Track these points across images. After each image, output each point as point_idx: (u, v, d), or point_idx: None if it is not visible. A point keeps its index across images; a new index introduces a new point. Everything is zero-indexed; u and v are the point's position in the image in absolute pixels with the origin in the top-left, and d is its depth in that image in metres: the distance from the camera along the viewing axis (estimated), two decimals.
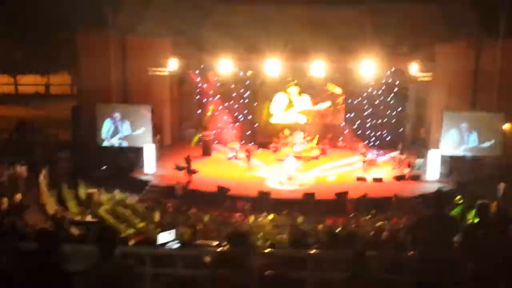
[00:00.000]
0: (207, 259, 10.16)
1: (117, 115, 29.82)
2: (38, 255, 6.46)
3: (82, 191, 25.39)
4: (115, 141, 30.02)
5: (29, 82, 54.76)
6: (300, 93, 34.17)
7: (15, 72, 52.76)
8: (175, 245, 13.18)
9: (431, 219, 8.86)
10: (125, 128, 29.82)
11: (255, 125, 34.87)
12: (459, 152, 28.25)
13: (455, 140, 28.21)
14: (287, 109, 34.78)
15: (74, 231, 16.59)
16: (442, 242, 8.55)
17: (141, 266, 9.93)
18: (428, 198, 24.89)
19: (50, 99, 49.93)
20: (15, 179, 24.31)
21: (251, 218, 22.62)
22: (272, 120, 34.93)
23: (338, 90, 33.99)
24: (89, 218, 20.76)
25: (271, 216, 22.60)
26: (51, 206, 22.59)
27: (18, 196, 21.24)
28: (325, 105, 34.47)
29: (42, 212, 21.36)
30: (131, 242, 13.20)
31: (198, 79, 33.94)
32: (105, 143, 30.07)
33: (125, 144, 29.95)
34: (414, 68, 29.20)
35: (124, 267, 6.41)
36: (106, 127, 29.90)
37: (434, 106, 30.99)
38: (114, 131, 29.94)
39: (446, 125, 28.18)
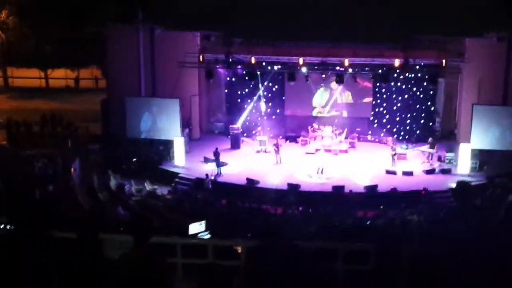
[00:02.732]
0: (239, 249, 10.21)
1: (154, 108, 30.06)
2: (75, 244, 6.55)
3: (113, 183, 25.65)
4: (152, 134, 30.28)
5: (59, 76, 55.35)
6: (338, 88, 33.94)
7: (45, 66, 53.41)
8: (206, 235, 13.31)
9: (458, 212, 8.77)
10: (161, 121, 30.06)
11: (283, 118, 34.78)
12: (500, 147, 27.96)
13: (496, 136, 27.88)
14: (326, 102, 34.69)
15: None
16: (469, 235, 8.47)
17: (173, 256, 10.00)
18: (453, 190, 24.74)
19: (79, 93, 50.45)
20: (47, 170, 24.65)
21: (280, 210, 22.68)
22: (313, 113, 34.77)
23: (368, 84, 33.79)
24: (120, 209, 20.93)
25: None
26: (83, 197, 22.83)
27: (51, 187, 21.50)
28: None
29: (74, 203, 21.58)
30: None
31: (227, 72, 34.00)
32: (143, 135, 30.35)
33: (159, 136, 30.15)
34: (445, 63, 28.92)
35: (157, 257, 6.48)
36: (145, 120, 30.16)
37: (464, 101, 30.71)
38: (152, 125, 30.21)
39: (476, 119, 27.87)
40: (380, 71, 30.23)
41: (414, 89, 32.98)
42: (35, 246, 7.35)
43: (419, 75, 31.51)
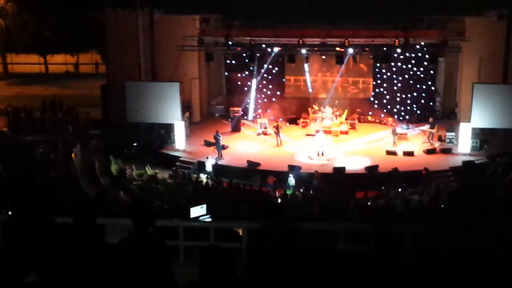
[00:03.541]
0: (240, 232, 10.26)
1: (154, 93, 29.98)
2: (75, 228, 6.57)
3: (114, 168, 25.70)
4: (152, 118, 30.22)
5: (59, 62, 55.31)
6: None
7: (45, 52, 53.35)
8: (207, 219, 13.36)
9: (462, 191, 8.77)
10: (162, 104, 29.94)
11: (284, 100, 34.71)
12: (501, 125, 27.93)
13: (497, 114, 27.80)
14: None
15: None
16: (473, 214, 8.48)
17: (174, 239, 10.05)
18: (458, 170, 24.78)
19: (79, 78, 50.41)
20: (49, 155, 24.69)
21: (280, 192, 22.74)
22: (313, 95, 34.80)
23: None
24: (121, 194, 21.00)
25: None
26: (84, 182, 22.90)
27: (52, 173, 21.56)
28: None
29: (75, 188, 21.65)
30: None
31: (227, 55, 33.91)
32: (144, 120, 30.39)
33: (159, 120, 30.09)
34: (444, 42, 28.81)
35: (158, 240, 6.50)
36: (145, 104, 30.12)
37: (464, 80, 30.64)
38: (152, 109, 30.15)
39: (477, 98, 27.80)
40: (380, 51, 30.15)
41: (415, 69, 32.85)
42: (36, 232, 7.36)
43: (419, 54, 31.40)
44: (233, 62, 34.34)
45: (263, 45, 31.14)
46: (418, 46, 30.09)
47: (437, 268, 7.67)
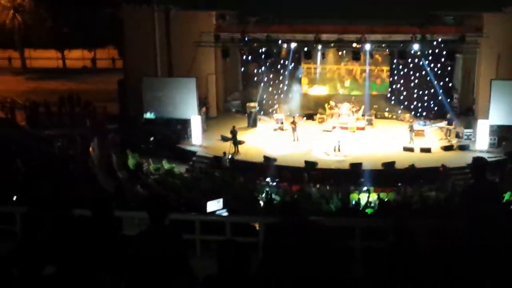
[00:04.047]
0: (257, 227, 10.28)
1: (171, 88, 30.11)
2: (93, 221, 6.63)
3: (131, 162, 25.83)
4: (169, 113, 30.36)
5: (76, 57, 55.61)
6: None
7: (62, 47, 53.68)
8: (224, 213, 13.39)
9: (472, 188, 8.73)
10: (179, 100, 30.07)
11: (300, 96, 34.64)
12: None
13: None
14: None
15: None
16: (484, 210, 8.43)
17: (191, 233, 10.10)
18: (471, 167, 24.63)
19: (96, 73, 50.65)
20: (67, 149, 24.89)
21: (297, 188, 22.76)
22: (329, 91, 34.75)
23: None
24: (138, 188, 21.13)
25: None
26: (102, 177, 23.07)
27: (70, 166, 21.73)
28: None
29: (93, 181, 21.82)
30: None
31: (243, 51, 33.95)
32: (161, 115, 30.55)
33: (176, 116, 30.21)
34: (462, 38, 28.64)
35: (174, 234, 6.54)
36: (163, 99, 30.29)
37: (482, 76, 30.41)
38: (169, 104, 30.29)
39: (495, 95, 27.59)
40: (397, 47, 30.05)
41: (432, 65, 32.66)
42: (54, 225, 7.43)
43: (437, 51, 31.21)
44: (249, 57, 34.33)
45: (279, 41, 31.13)
46: (435, 43, 29.93)
47: (450, 265, 7.64)
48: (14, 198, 14.63)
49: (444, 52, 30.68)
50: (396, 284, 6.60)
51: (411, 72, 33.35)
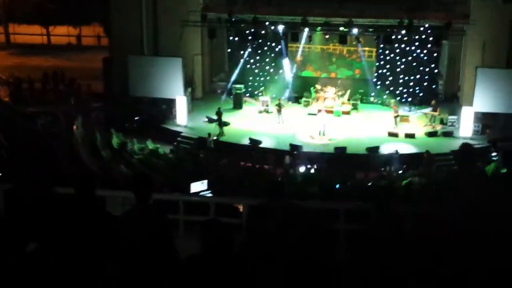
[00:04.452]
0: (240, 208, 10.28)
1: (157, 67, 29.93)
2: (75, 199, 6.58)
3: (115, 141, 25.71)
4: (155, 92, 30.26)
5: (61, 33, 55.03)
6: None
7: (47, 23, 53.06)
8: (207, 194, 13.40)
9: (459, 174, 8.75)
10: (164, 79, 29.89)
11: (286, 79, 34.56)
12: (503, 110, 27.90)
13: (499, 99, 27.74)
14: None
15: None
16: (470, 197, 8.46)
17: (175, 213, 10.08)
18: (457, 153, 24.77)
19: (81, 51, 50.20)
20: (50, 127, 24.69)
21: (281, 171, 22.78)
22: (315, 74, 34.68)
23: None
24: (122, 167, 21.05)
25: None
26: (85, 155, 22.94)
27: (53, 144, 21.55)
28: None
29: (76, 160, 21.69)
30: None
31: (230, 32, 33.75)
32: (146, 94, 30.43)
33: (161, 95, 30.09)
34: (449, 24, 28.67)
35: (159, 213, 6.52)
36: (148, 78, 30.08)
37: (467, 63, 30.49)
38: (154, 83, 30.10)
39: (479, 83, 27.74)
40: (384, 32, 30.06)
41: (418, 51, 32.70)
42: (37, 201, 7.39)
43: (423, 37, 31.25)
44: (236, 38, 34.14)
45: (267, 23, 31.01)
46: (422, 28, 29.96)
47: (436, 251, 7.68)
48: None
49: (431, 38, 30.72)
50: (379, 268, 6.64)
51: (397, 58, 33.35)
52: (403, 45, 32.58)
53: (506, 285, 6.84)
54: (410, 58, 32.94)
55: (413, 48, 32.63)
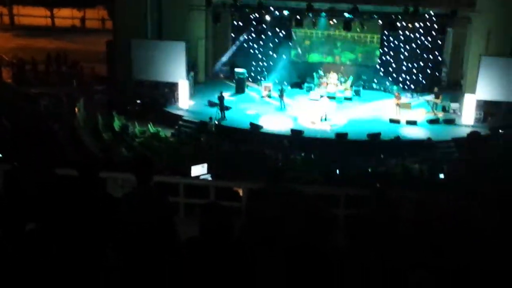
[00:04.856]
0: (240, 192, 10.35)
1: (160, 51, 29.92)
2: (76, 180, 6.63)
3: (117, 124, 25.76)
4: (158, 76, 30.19)
5: (65, 16, 54.89)
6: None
7: (51, 5, 52.91)
8: (208, 178, 13.45)
9: (465, 161, 8.82)
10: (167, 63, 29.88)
11: (289, 64, 34.49)
12: (506, 98, 27.91)
13: (502, 87, 27.74)
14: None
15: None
16: (475, 184, 8.52)
17: (175, 196, 10.14)
18: (462, 141, 24.80)
19: (85, 33, 50.09)
20: (53, 108, 24.77)
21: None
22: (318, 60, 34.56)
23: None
24: (123, 150, 21.13)
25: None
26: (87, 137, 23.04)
27: (56, 126, 21.65)
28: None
29: (78, 142, 21.78)
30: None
31: (234, 17, 33.66)
32: (149, 77, 30.38)
33: (164, 79, 30.08)
34: (454, 12, 28.59)
35: (160, 196, 6.57)
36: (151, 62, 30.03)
37: (472, 51, 30.41)
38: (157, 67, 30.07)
39: (483, 71, 27.71)
40: (389, 19, 29.97)
41: (423, 38, 32.61)
42: (39, 183, 7.44)
43: (428, 24, 31.15)
44: (240, 23, 34.06)
45: (271, 8, 30.92)
46: (427, 16, 29.86)
47: (435, 239, 7.72)
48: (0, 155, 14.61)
49: (436, 26, 30.63)
50: (379, 255, 6.70)
51: (402, 45, 33.26)
52: (407, 32, 32.48)
53: (506, 280, 6.88)
54: (414, 45, 32.85)
55: (417, 35, 32.53)
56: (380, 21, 31.13)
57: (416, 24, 31.36)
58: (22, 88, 28.99)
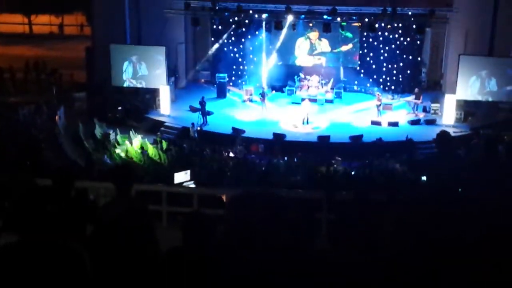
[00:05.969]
0: (223, 198, 10.30)
1: (134, 56, 29.79)
2: (55, 189, 6.55)
3: (98, 131, 25.58)
4: (135, 82, 30.07)
5: (43, 22, 54.53)
6: (319, 37, 33.62)
7: (29, 12, 52.54)
8: (191, 184, 13.37)
9: (436, 158, 8.83)
10: (143, 69, 29.81)
11: (270, 68, 34.44)
12: (481, 97, 28.07)
13: (477, 86, 27.96)
14: (308, 52, 34.29)
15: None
16: (449, 180, 8.52)
17: (158, 204, 10.06)
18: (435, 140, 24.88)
19: (64, 40, 49.77)
20: (32, 117, 24.53)
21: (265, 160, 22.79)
22: (297, 62, 34.44)
23: (350, 35, 33.33)
24: (105, 158, 20.97)
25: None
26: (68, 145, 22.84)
27: (35, 134, 21.44)
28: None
29: (58, 151, 21.59)
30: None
31: (213, 21, 33.60)
32: (126, 84, 30.16)
33: (143, 85, 29.96)
34: (432, 12, 28.75)
35: (141, 204, 6.51)
36: (126, 68, 29.90)
37: (450, 51, 30.60)
38: (133, 73, 29.94)
39: (462, 70, 27.88)
40: (367, 20, 30.05)
41: (401, 39, 32.75)
42: (18, 193, 7.34)
43: (407, 24, 31.29)
44: (220, 27, 33.98)
45: (251, 11, 30.90)
46: (405, 16, 30.01)
47: (414, 238, 7.69)
48: None
49: (414, 26, 30.82)
50: (362, 257, 6.66)
51: (381, 46, 33.36)
52: (386, 33, 32.60)
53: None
54: (393, 46, 32.98)
55: (396, 36, 32.66)
56: (359, 23, 31.21)
57: (395, 25, 31.49)
58: (0, 97, 28.69)
